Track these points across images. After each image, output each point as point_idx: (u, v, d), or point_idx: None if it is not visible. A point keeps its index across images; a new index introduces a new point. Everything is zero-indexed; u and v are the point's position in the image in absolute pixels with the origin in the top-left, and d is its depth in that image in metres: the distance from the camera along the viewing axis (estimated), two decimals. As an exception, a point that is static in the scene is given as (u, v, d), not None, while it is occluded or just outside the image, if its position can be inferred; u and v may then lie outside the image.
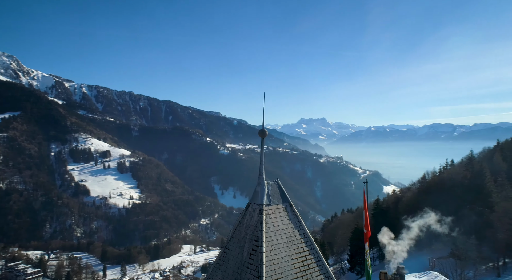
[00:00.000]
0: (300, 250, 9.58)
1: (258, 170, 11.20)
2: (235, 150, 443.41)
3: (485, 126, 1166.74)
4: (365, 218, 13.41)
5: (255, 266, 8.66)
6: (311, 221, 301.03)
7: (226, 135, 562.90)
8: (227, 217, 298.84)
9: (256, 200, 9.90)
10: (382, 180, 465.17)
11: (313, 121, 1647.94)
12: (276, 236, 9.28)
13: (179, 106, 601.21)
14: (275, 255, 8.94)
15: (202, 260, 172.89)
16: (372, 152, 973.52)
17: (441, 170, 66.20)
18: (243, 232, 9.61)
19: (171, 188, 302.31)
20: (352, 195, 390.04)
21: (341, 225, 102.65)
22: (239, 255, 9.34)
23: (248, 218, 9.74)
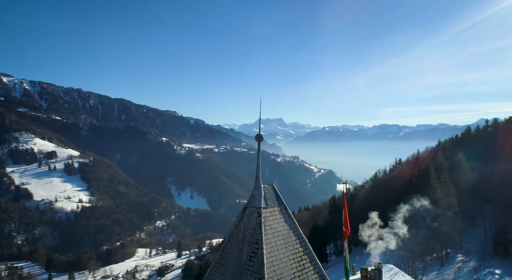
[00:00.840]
0: (296, 250, 9.92)
1: (216, 170, 11.17)
2: (192, 150, 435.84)
3: (427, 127, 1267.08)
4: (345, 217, 13.94)
5: (256, 268, 8.86)
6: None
7: (183, 135, 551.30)
8: (184, 218, 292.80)
9: (253, 203, 10.00)
10: (335, 178, 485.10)
11: (271, 122, 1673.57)
12: (274, 238, 9.53)
13: (133, 105, 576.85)
14: (274, 257, 9.19)
15: (158, 264, 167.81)
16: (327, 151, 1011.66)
17: (391, 168, 70.72)
18: (241, 235, 9.73)
19: (124, 189, 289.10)
20: (308, 193, 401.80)
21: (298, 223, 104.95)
22: (238, 257, 9.47)
23: (245, 221, 9.87)
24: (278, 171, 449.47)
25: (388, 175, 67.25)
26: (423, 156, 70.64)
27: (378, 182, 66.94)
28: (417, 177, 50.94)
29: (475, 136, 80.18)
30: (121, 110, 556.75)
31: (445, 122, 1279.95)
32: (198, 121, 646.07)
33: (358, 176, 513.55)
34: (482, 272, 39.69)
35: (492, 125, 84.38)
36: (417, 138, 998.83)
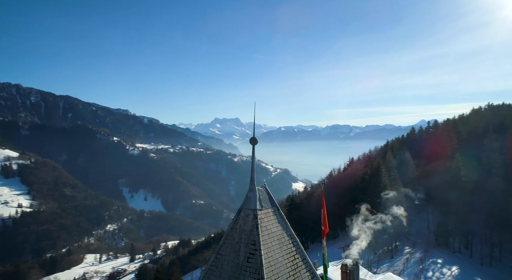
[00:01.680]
0: (289, 250, 10.27)
1: (171, 170, 11.03)
2: (146, 150, 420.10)
3: (375, 128, 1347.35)
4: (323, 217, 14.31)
5: (254, 268, 9.08)
6: (226, 219, 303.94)
7: (136, 134, 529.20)
8: (138, 221, 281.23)
9: (249, 205, 10.23)
10: (291, 177, 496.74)
11: (227, 121, 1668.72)
12: (270, 239, 9.80)
13: (80, 103, 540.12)
14: (271, 257, 9.44)
15: (109, 269, 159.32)
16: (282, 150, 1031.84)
17: (345, 167, 74.02)
18: (237, 237, 9.90)
19: (71, 192, 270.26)
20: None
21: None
22: (234, 259, 9.62)
23: (241, 223, 10.04)
24: (235, 171, 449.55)
25: (343, 173, 70.39)
26: (374, 155, 74.75)
27: (333, 180, 69.69)
28: (369, 175, 53.81)
29: (419, 137, 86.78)
30: (67, 108, 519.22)
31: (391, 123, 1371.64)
32: (152, 121, 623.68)
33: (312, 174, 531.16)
34: (427, 262, 43.10)
35: (433, 126, 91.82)
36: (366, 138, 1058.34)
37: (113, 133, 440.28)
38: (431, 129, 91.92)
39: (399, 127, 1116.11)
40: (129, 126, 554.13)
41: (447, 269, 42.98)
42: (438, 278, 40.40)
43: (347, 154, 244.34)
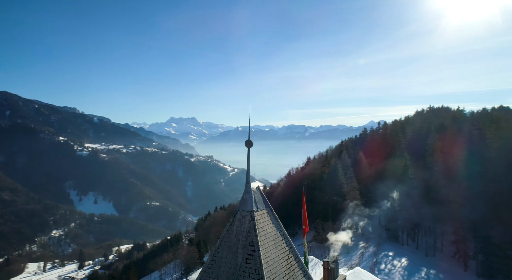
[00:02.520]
0: (283, 250, 10.57)
1: (124, 171, 10.73)
2: (96, 151, 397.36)
3: (328, 128, 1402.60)
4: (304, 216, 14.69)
5: (254, 269, 9.32)
6: (182, 221, 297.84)
7: (85, 134, 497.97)
8: (87, 226, 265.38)
9: (245, 207, 10.35)
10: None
11: (184, 121, 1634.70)
12: (266, 239, 10.03)
13: (20, 99, 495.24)
14: (268, 257, 9.70)
15: (55, 278, 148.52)
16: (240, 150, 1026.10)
17: (303, 166, 76.12)
18: (233, 239, 10.05)
19: (10, 197, 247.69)
20: (222, 192, 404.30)
21: (215, 223, 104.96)
22: (232, 261, 9.79)
23: (237, 225, 10.20)
24: (192, 171, 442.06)
25: (301, 172, 72.30)
26: (330, 154, 77.65)
27: (292, 179, 71.32)
28: (327, 173, 55.85)
29: (370, 137, 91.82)
30: (4, 105, 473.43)
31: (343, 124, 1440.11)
32: (102, 120, 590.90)
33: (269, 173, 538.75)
34: (379, 255, 45.80)
35: (383, 127, 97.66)
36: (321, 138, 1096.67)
37: (59, 133, 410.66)
38: (381, 129, 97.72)
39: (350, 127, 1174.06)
40: (77, 125, 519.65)
41: (398, 261, 46.08)
42: (390, 270, 43.17)
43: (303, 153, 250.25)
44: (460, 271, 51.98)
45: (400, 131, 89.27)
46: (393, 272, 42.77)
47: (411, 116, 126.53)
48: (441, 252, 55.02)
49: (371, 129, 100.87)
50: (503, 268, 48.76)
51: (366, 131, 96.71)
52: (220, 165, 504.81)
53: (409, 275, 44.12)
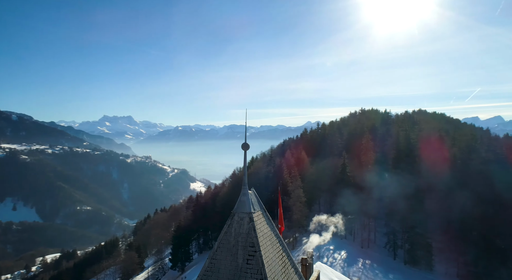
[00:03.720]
0: (278, 249, 10.94)
1: (50, 174, 10.13)
2: (15, 151, 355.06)
3: (268, 128, 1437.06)
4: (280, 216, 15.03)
5: (256, 269, 9.46)
6: (117, 225, 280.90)
7: (2, 133, 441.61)
8: (3, 235, 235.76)
9: (243, 209, 10.50)
10: (189, 177, 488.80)
11: (118, 119, 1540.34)
12: (264, 240, 10.29)
13: None
14: (268, 257, 9.97)
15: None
16: (180, 150, 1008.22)
17: (248, 166, 76.78)
18: (232, 241, 10.11)
19: None
20: (162, 194, 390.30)
21: (156, 225, 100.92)
22: (232, 262, 9.85)
23: (236, 227, 10.27)
24: (128, 172, 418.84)
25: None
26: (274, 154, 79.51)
27: (237, 179, 71.48)
28: (272, 173, 57.06)
29: (311, 136, 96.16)
30: None
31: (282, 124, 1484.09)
32: (23, 117, 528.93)
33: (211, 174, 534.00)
34: (322, 249, 48.18)
35: (322, 127, 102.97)
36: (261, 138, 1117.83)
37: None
38: (320, 130, 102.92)
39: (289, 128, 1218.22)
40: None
41: (338, 254, 49.01)
42: (331, 262, 45.71)
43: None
44: (390, 260, 57.09)
45: (337, 132, 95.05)
46: (335, 265, 45.39)
47: (345, 117, 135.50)
48: (374, 243, 59.79)
49: (311, 129, 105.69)
50: (426, 255, 54.73)
51: (307, 131, 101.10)
52: (159, 166, 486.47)
53: (348, 266, 47.17)
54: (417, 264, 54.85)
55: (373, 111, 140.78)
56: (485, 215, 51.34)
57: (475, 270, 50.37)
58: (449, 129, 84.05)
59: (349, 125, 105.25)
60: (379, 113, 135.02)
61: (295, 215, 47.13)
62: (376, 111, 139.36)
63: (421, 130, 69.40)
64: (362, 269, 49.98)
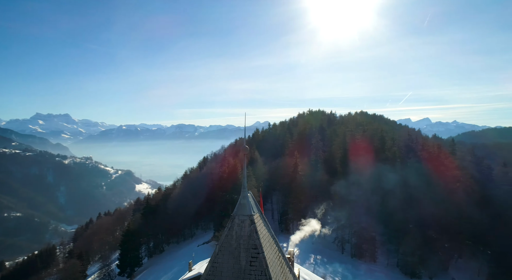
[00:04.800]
0: (275, 249, 11.25)
1: None
2: None
3: (217, 128, 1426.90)
4: None
5: (260, 271, 9.64)
6: (53, 232, 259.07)
7: None
8: None
9: (243, 211, 10.52)
10: (134, 179, 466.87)
11: (54, 118, 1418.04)
12: (265, 241, 10.43)
13: None
14: (269, 258, 10.10)
15: None
16: (124, 151, 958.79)
17: (200, 166, 75.53)
18: (234, 243, 10.14)
19: None
20: (104, 197, 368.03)
21: (99, 230, 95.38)
22: (235, 265, 9.87)
23: (237, 230, 10.29)
24: (66, 175, 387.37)
25: (199, 172, 71.57)
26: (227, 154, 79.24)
27: (189, 180, 69.91)
28: (227, 173, 56.81)
29: (262, 136, 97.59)
30: None
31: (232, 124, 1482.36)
32: None
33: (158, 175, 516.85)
34: (276, 247, 49.19)
35: (273, 128, 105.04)
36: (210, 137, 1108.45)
37: None
38: (271, 130, 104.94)
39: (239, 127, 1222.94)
40: None
41: (291, 251, 50.32)
42: (285, 260, 46.81)
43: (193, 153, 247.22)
44: (339, 254, 60.21)
45: (288, 132, 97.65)
46: (288, 262, 46.51)
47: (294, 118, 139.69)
48: (323, 239, 62.47)
49: (263, 129, 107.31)
50: (370, 248, 58.64)
51: (258, 131, 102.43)
52: (101, 167, 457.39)
53: (301, 263, 48.71)
54: (363, 256, 58.54)
55: (319, 112, 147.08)
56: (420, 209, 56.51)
57: (412, 259, 55.10)
58: (388, 130, 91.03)
59: (298, 126, 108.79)
60: (326, 114, 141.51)
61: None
62: (322, 112, 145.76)
63: (365, 131, 74.06)
64: (314, 264, 51.98)
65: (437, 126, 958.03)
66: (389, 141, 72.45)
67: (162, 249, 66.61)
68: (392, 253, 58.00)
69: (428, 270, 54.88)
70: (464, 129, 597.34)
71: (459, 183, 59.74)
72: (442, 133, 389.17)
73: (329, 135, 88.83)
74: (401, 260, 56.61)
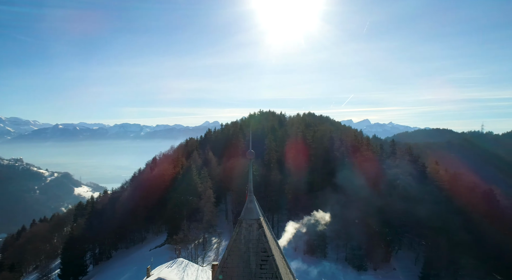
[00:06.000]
0: (279, 251, 11.38)
1: None
2: None
3: (165, 127, 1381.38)
4: None
5: (270, 273, 9.75)
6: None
7: None
8: None
9: (251, 215, 10.58)
10: (73, 181, 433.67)
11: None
12: (271, 244, 10.53)
13: None
14: (277, 261, 10.13)
15: None
16: (61, 151, 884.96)
17: (152, 167, 72.51)
18: (243, 247, 10.18)
19: None
20: (37, 202, 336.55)
21: (34, 238, 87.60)
22: (245, 269, 9.93)
23: (245, 234, 10.33)
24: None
25: (150, 173, 68.66)
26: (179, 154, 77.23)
27: (139, 182, 66.76)
28: (181, 174, 55.29)
29: (215, 137, 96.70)
30: None
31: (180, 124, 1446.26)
32: None
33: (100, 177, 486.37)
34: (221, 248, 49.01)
35: (226, 128, 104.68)
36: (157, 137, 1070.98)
37: None
38: (224, 130, 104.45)
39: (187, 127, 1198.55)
40: None
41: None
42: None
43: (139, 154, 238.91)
44: (292, 251, 61.87)
45: (240, 132, 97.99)
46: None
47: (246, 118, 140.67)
48: (276, 237, 63.78)
49: (215, 129, 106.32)
50: (321, 244, 61.21)
51: (211, 131, 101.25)
52: (34, 169, 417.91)
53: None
54: (314, 252, 60.93)
55: (270, 113, 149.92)
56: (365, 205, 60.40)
57: (359, 252, 58.72)
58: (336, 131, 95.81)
59: (250, 126, 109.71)
60: (276, 115, 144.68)
61: (206, 215, 46.68)
62: (273, 113, 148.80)
63: (315, 132, 77.10)
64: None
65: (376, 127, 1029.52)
66: (338, 141, 76.26)
67: (110, 255, 62.65)
68: (341, 248, 61.14)
69: (373, 262, 58.80)
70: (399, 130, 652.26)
71: (399, 180, 64.95)
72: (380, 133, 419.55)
73: (281, 136, 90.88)
74: (349, 254, 59.89)
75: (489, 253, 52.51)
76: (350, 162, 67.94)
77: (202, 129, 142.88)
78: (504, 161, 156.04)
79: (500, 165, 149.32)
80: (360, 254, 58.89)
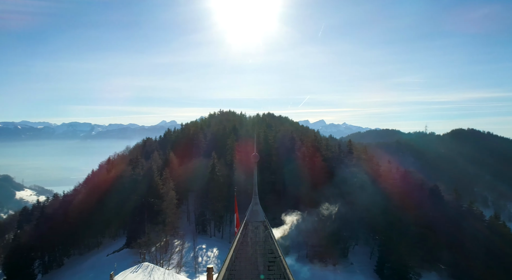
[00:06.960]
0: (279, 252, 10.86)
1: None
2: None
3: (118, 127, 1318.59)
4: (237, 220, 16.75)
5: (279, 274, 9.84)
6: None
7: None
8: None
9: (256, 217, 10.60)
10: (14, 185, 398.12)
11: None
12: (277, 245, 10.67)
13: None
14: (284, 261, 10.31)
15: None
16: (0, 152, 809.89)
17: (108, 169, 68.85)
18: (250, 250, 10.16)
19: None
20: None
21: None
22: (253, 271, 9.97)
23: (251, 236, 10.34)
24: None
25: (106, 175, 65.09)
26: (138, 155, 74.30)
27: (94, 185, 63.06)
28: (142, 175, 53.20)
29: (175, 137, 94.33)
30: None
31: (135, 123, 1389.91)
32: None
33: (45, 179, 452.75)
34: (196, 249, 48.14)
35: (186, 128, 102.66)
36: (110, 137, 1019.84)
37: None
38: (184, 130, 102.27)
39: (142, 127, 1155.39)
40: None
41: (210, 252, 49.95)
42: (206, 261, 46.21)
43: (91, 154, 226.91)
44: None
45: (201, 132, 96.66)
46: (209, 262, 46.07)
47: (205, 118, 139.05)
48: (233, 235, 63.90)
49: (175, 129, 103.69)
50: (283, 242, 62.21)
51: (171, 131, 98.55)
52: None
53: (221, 263, 48.81)
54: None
55: (231, 113, 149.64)
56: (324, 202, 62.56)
57: (319, 250, 60.66)
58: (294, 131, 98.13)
59: (211, 126, 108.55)
60: (236, 115, 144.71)
61: (169, 217, 45.36)
62: (233, 113, 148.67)
63: (277, 132, 78.25)
64: (232, 263, 52.54)
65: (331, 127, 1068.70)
66: (298, 141, 78.10)
67: (62, 262, 58.34)
68: (302, 246, 62.70)
69: (332, 258, 61.07)
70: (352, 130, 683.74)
71: (356, 179, 68.13)
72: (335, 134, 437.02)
73: (243, 136, 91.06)
74: (310, 251, 61.60)
75: (435, 244, 57.00)
76: (310, 161, 69.92)
77: (158, 129, 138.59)
78: (445, 159, 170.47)
79: (441, 163, 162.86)
80: (320, 250, 60.83)
